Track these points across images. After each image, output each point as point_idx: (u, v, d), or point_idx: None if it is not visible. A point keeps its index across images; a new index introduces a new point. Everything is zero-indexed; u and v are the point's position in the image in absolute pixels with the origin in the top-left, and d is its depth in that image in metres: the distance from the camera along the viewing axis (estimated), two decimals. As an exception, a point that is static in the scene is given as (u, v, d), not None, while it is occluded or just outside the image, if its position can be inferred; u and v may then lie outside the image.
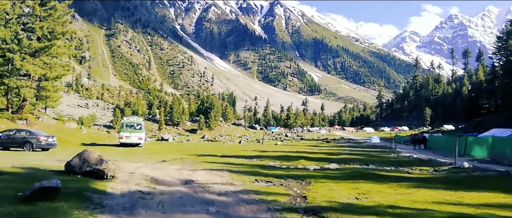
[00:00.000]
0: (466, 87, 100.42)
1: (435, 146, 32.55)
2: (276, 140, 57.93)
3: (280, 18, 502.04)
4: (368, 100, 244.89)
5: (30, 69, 27.83)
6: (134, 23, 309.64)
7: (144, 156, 16.72)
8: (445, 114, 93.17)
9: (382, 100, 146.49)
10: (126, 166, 11.13)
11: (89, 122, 74.61)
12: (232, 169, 11.73)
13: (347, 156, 20.88)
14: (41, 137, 18.52)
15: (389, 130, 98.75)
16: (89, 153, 8.25)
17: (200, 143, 44.17)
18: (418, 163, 17.21)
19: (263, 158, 17.70)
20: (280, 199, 7.08)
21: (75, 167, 8.14)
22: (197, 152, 21.60)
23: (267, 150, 26.22)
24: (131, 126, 25.80)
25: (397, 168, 14.85)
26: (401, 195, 7.76)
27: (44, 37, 29.28)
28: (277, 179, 9.72)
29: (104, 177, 8.03)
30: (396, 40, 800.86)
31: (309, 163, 15.90)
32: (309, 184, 9.14)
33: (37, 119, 30.94)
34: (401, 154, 24.10)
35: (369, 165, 15.84)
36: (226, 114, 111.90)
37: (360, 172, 12.15)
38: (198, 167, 11.94)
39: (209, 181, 8.86)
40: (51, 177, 7.12)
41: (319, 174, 11.21)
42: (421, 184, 9.37)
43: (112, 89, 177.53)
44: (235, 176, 10.10)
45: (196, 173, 10.33)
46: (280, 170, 12.45)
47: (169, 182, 8.54)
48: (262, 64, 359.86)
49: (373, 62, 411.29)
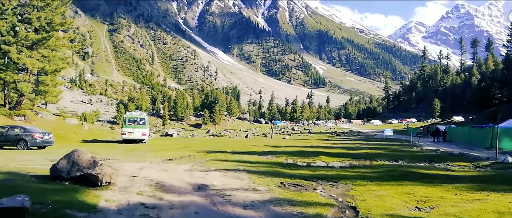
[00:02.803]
0: (476, 77, 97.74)
1: (455, 138, 30.89)
2: (284, 134, 56.28)
3: (284, 10, 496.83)
4: (374, 93, 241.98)
5: (28, 63, 26.28)
6: (136, 17, 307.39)
7: (148, 154, 15.21)
8: (454, 105, 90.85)
9: (389, 92, 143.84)
10: (128, 167, 9.60)
11: (93, 117, 73.49)
12: (250, 168, 10.13)
13: (368, 151, 19.26)
14: (36, 134, 16.97)
15: (397, 122, 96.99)
16: (80, 154, 6.59)
17: (206, 138, 42.64)
18: (451, 158, 15.56)
19: (278, 154, 16.15)
20: (324, 212, 5.50)
21: (62, 171, 6.50)
22: (205, 148, 20.08)
23: (279, 144, 24.64)
24: (134, 121, 24.30)
25: (431, 164, 13.26)
26: (470, 202, 6.16)
27: (41, 29, 27.67)
28: (306, 182, 8.14)
29: (98, 184, 6.43)
30: (402, 31, 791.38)
31: (331, 160, 14.34)
32: (347, 187, 7.55)
33: (36, 115, 29.51)
34: (425, 147, 22.41)
35: (398, 161, 14.23)
36: (230, 108, 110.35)
37: (399, 170, 10.52)
38: (211, 167, 10.34)
39: (227, 186, 7.27)
40: (30, 185, 5.57)
41: (352, 174, 9.60)
42: (481, 186, 7.76)
43: (116, 85, 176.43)
44: (255, 178, 8.49)
45: (210, 175, 8.72)
46: (303, 169, 10.85)
47: (179, 188, 6.95)
48: (266, 57, 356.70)
49: (379, 54, 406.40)
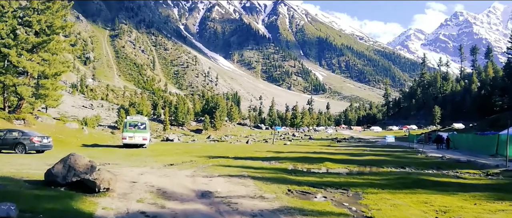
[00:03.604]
0: (476, 84, 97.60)
1: (459, 145, 30.52)
2: (285, 140, 55.87)
3: (284, 17, 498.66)
4: (373, 99, 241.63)
5: (28, 66, 25.98)
6: (138, 23, 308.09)
7: (149, 159, 14.83)
8: (455, 112, 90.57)
9: (389, 98, 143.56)
10: (128, 172, 9.22)
11: (94, 122, 73.04)
12: (254, 174, 9.75)
13: (373, 157, 18.86)
14: (35, 138, 16.61)
15: (398, 128, 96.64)
16: (76, 158, 6.22)
17: (207, 143, 42.24)
18: (458, 165, 15.17)
19: (282, 160, 15.77)
20: (339, 223, 5.12)
21: (57, 176, 6.11)
22: (206, 153, 19.70)
23: (281, 150, 24.25)
24: (135, 125, 23.94)
25: (440, 172, 12.87)
26: (494, 213, 5.80)
27: (42, 32, 27.41)
28: (314, 189, 7.76)
29: (95, 190, 6.02)
30: (401, 38, 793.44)
31: (336, 166, 13.97)
32: (358, 195, 7.18)
33: (36, 119, 29.14)
34: (429, 154, 22.02)
35: (405, 168, 13.85)
36: (231, 113, 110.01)
37: (409, 178, 10.12)
38: (214, 173, 9.95)
39: (233, 193, 6.87)
40: (22, 191, 5.21)
41: (361, 181, 9.21)
42: (498, 195, 7.38)
43: (117, 90, 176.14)
44: (261, 184, 8.09)
45: (214, 181, 8.31)
46: (310, 175, 10.46)
47: (182, 195, 6.56)
48: (266, 63, 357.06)
49: (378, 61, 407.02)
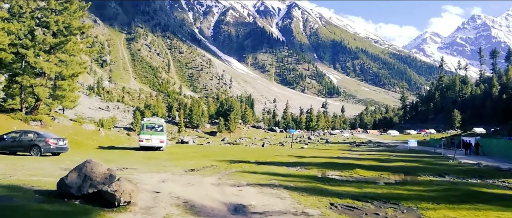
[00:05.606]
0: (496, 88, 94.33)
1: (489, 150, 28.95)
2: (301, 143, 54.76)
3: (298, 20, 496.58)
4: (389, 103, 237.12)
5: (45, 67, 25.72)
6: (153, 27, 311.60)
7: (167, 163, 14.08)
8: (474, 116, 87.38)
9: (406, 102, 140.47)
10: (148, 179, 8.42)
11: (109, 124, 73.63)
12: (285, 183, 8.81)
13: (403, 163, 17.67)
14: (51, 140, 16.00)
15: (416, 132, 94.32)
16: (93, 166, 5.42)
17: (223, 146, 41.49)
18: (502, 174, 13.92)
19: (308, 166, 14.78)
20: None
21: (71, 187, 5.28)
22: (225, 156, 18.87)
23: (302, 155, 23.22)
24: (152, 127, 23.31)
25: (484, 181, 11.67)
26: None
27: (59, 33, 27.18)
28: (360, 203, 6.77)
29: (115, 204, 5.20)
30: (417, 42, 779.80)
31: (369, 174, 12.89)
32: (414, 212, 6.16)
33: (53, 120, 28.91)
34: (461, 160, 20.64)
35: (444, 176, 12.69)
36: (245, 116, 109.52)
37: (459, 189, 9.01)
38: (241, 181, 9.05)
39: (270, 207, 5.96)
40: (30, 205, 4.41)
41: (407, 193, 8.17)
42: None
43: (133, 92, 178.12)
44: (298, 196, 7.16)
45: (244, 192, 7.42)
46: (346, 185, 9.45)
47: (213, 209, 5.68)
48: (280, 66, 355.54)
49: (393, 64, 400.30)
